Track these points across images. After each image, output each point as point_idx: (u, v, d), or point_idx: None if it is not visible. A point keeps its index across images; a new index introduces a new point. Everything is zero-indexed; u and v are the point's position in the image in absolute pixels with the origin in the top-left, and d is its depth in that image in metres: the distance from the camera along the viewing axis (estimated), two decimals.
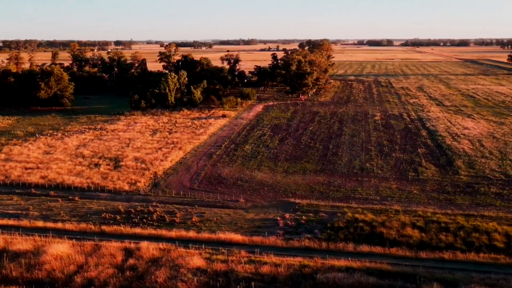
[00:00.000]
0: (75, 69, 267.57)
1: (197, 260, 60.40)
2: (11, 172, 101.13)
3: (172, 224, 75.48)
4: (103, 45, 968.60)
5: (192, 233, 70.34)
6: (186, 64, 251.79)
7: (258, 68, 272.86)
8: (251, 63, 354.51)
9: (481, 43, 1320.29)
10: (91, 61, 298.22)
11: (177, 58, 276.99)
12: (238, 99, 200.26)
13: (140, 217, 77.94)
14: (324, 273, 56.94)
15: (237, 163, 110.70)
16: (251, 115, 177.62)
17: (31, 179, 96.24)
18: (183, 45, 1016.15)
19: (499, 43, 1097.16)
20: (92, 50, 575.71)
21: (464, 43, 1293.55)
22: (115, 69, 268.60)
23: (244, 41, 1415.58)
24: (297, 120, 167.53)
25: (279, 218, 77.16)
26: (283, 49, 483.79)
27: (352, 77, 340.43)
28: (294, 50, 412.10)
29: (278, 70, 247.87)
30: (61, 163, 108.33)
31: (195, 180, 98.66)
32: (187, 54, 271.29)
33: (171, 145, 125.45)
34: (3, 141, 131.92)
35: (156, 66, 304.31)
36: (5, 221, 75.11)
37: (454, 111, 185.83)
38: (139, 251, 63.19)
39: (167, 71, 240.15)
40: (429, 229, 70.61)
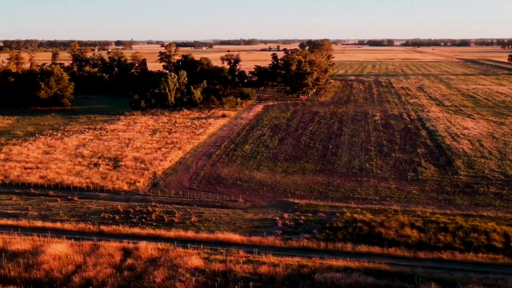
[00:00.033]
0: (75, 69, 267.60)
1: (195, 260, 60.39)
2: (11, 172, 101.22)
3: (171, 224, 75.49)
4: (103, 45, 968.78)
5: (190, 233, 70.38)
6: (186, 64, 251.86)
7: (258, 68, 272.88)
8: (251, 63, 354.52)
9: (482, 43, 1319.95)
10: (91, 61, 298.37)
11: (177, 58, 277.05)
12: (238, 99, 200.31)
13: (139, 217, 77.96)
14: (322, 273, 56.92)
15: (237, 163, 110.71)
16: (251, 115, 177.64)
17: (30, 179, 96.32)
18: (183, 45, 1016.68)
19: (500, 43, 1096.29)
20: (92, 50, 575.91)
21: (464, 43, 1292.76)
22: (115, 69, 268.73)
23: (244, 41, 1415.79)
24: (297, 120, 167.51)
25: (278, 218, 77.15)
26: (283, 49, 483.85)
27: (352, 77, 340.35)
28: (294, 50, 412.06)
29: (278, 70, 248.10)
30: (60, 163, 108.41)
31: (194, 180, 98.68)
32: (187, 54, 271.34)
33: (171, 145, 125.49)
34: (2, 141, 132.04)
35: (156, 66, 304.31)
36: (4, 221, 75.17)
37: (454, 111, 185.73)
38: (137, 251, 63.20)
39: (167, 71, 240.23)
40: (427, 229, 70.56)
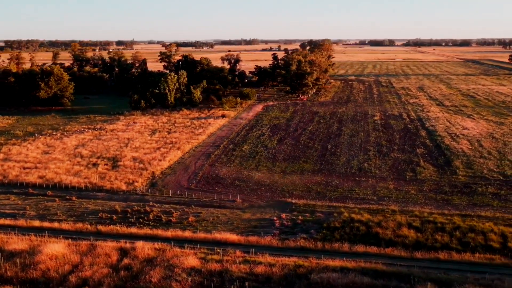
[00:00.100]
0: (75, 69, 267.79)
1: (192, 260, 60.41)
2: (9, 171, 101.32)
3: (168, 224, 75.52)
4: (104, 45, 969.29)
5: (188, 233, 70.38)
6: (186, 64, 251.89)
7: (258, 68, 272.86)
8: (252, 63, 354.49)
9: (483, 43, 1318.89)
10: (91, 61, 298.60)
11: (177, 58, 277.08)
12: (237, 99, 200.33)
13: (136, 217, 77.98)
14: (318, 273, 56.89)
15: (235, 163, 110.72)
16: (250, 115, 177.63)
17: (29, 179, 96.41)
18: (184, 45, 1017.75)
19: (501, 43, 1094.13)
20: (93, 50, 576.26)
21: (466, 43, 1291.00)
22: (116, 69, 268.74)
23: (245, 41, 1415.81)
24: (296, 120, 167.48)
25: (275, 218, 77.15)
26: (284, 49, 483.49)
27: (352, 77, 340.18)
28: (295, 50, 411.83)
29: (278, 70, 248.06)
30: (59, 163, 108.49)
31: (193, 180, 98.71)
32: (187, 54, 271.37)
33: (170, 145, 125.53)
34: (2, 141, 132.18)
35: (157, 66, 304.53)
36: (1, 221, 75.19)
37: (454, 111, 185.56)
38: (134, 251, 63.23)
39: (167, 71, 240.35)
40: (425, 229, 70.51)
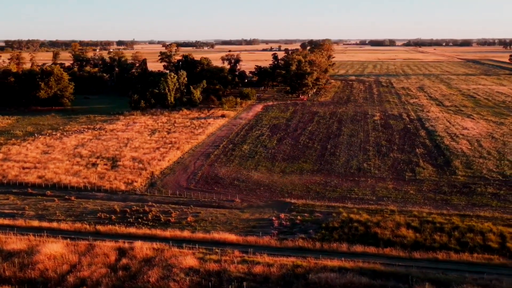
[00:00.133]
0: (75, 69, 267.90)
1: (190, 260, 60.41)
2: (9, 171, 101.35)
3: (167, 223, 75.51)
4: (105, 45, 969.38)
5: (186, 233, 70.39)
6: (186, 64, 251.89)
7: (258, 68, 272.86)
8: (252, 63, 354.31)
9: (484, 43, 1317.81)
10: (92, 61, 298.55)
11: (177, 58, 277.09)
12: (237, 99, 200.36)
13: (135, 217, 78.00)
14: (316, 273, 56.90)
15: (235, 163, 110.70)
16: (250, 115, 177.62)
17: (28, 179, 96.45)
18: (185, 45, 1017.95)
19: (502, 43, 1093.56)
20: (94, 50, 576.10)
21: (466, 43, 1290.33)
22: (116, 69, 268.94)
23: (246, 41, 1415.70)
24: (296, 120, 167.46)
25: (274, 218, 77.13)
26: (284, 49, 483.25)
27: (353, 77, 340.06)
28: (295, 50, 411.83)
29: (278, 70, 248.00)
30: (58, 162, 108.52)
31: (192, 180, 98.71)
32: (187, 54, 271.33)
33: (169, 145, 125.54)
34: (1, 141, 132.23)
35: (157, 66, 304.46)
36: (0, 221, 75.21)
37: (454, 111, 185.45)
38: (132, 251, 63.25)
39: (167, 71, 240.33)
40: (423, 229, 70.48)
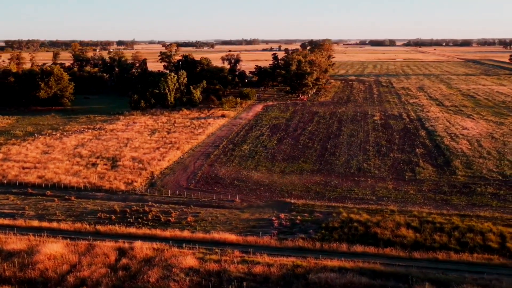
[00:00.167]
0: (75, 69, 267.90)
1: (190, 260, 60.42)
2: (9, 171, 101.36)
3: (167, 224, 75.51)
4: (105, 45, 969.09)
5: (186, 233, 70.40)
6: (186, 64, 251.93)
7: (258, 68, 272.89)
8: (252, 63, 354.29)
9: (484, 43, 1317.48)
10: (92, 61, 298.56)
11: (177, 58, 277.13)
12: (237, 99, 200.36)
13: (135, 217, 78.01)
14: (316, 273, 56.91)
15: (234, 163, 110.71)
16: (250, 115, 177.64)
17: (28, 179, 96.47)
18: (185, 45, 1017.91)
19: (502, 43, 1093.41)
20: (94, 50, 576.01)
21: (466, 43, 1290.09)
22: (116, 69, 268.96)
23: (246, 41, 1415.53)
24: (296, 120, 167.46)
25: (274, 218, 77.13)
26: (285, 49, 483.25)
27: (353, 77, 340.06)
28: (295, 50, 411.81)
29: (278, 70, 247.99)
30: (58, 162, 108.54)
31: (192, 180, 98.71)
32: (187, 54, 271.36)
33: (169, 145, 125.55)
34: (1, 141, 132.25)
35: (157, 66, 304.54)
36: (0, 221, 75.22)
37: (454, 111, 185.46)
38: (132, 251, 63.26)
39: (167, 71, 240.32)
40: (423, 229, 70.48)
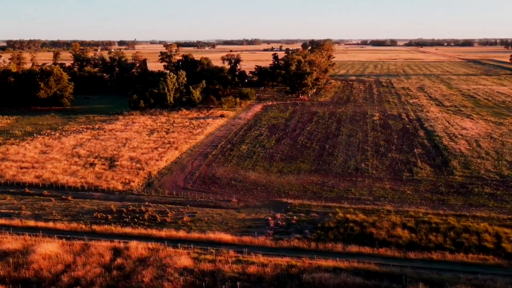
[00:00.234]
0: (76, 69, 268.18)
1: (185, 259, 60.45)
2: (6, 171, 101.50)
3: (163, 223, 75.56)
4: (106, 45, 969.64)
5: (182, 233, 70.45)
6: (186, 64, 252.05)
7: (258, 68, 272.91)
8: (253, 63, 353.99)
9: (485, 43, 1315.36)
10: (92, 61, 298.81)
11: (178, 58, 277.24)
12: (237, 99, 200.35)
13: (131, 217, 78.05)
14: (310, 273, 56.88)
15: (232, 163, 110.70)
16: (249, 115, 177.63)
17: (26, 179, 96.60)
18: (186, 45, 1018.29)
19: (503, 43, 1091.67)
20: (95, 50, 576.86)
21: (468, 43, 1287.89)
22: (116, 69, 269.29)
23: (247, 41, 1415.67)
24: (295, 120, 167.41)
25: (270, 218, 77.11)
26: (285, 49, 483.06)
27: (353, 77, 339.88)
28: (296, 50, 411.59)
29: (278, 70, 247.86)
30: (56, 162, 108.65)
31: (189, 180, 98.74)
32: (187, 54, 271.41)
33: (167, 145, 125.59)
34: (0, 141, 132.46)
35: (158, 66, 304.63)
36: None
37: (453, 112, 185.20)
38: (127, 251, 63.31)
39: (167, 71, 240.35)
40: (419, 229, 70.40)
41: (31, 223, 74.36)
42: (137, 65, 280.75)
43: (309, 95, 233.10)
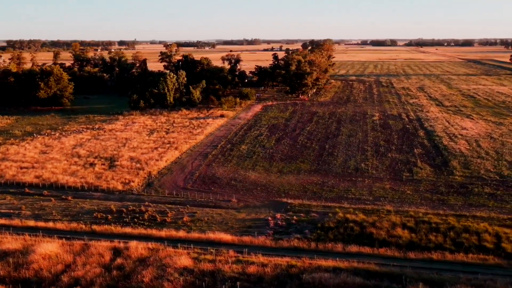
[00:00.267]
0: (76, 69, 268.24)
1: (185, 259, 60.46)
2: (6, 171, 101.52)
3: (163, 223, 75.57)
4: (107, 45, 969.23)
5: (182, 233, 70.46)
6: (186, 64, 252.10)
7: (258, 68, 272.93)
8: (253, 63, 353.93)
9: (486, 43, 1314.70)
10: (92, 61, 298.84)
11: (178, 58, 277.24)
12: (237, 99, 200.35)
13: (131, 217, 78.06)
14: (310, 273, 56.89)
15: (232, 163, 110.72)
16: (249, 115, 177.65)
17: (26, 179, 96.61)
18: (186, 45, 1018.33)
19: (504, 43, 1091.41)
20: (95, 50, 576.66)
21: (468, 43, 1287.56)
22: (116, 69, 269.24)
23: (247, 41, 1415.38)
24: (295, 120, 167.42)
25: (270, 218, 77.13)
26: (285, 49, 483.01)
27: (353, 77, 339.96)
28: (296, 50, 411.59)
29: (278, 70, 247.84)
30: (56, 162, 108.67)
31: (189, 180, 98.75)
32: (187, 54, 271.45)
33: (167, 145, 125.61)
34: (0, 141, 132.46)
35: (158, 66, 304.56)
36: None
37: (453, 112, 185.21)
38: (127, 251, 63.31)
39: (167, 71, 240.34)
40: (419, 229, 70.40)
41: (31, 223, 74.37)
42: (137, 65, 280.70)
43: (309, 95, 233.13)
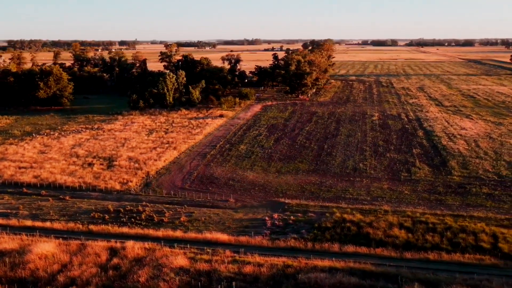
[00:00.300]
0: (76, 69, 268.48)
1: (181, 259, 60.47)
2: (4, 171, 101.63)
3: (160, 223, 75.60)
4: (107, 45, 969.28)
5: (179, 233, 70.48)
6: (186, 64, 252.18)
7: (258, 68, 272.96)
8: (253, 63, 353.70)
9: (486, 43, 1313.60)
10: (92, 61, 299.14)
11: (178, 58, 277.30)
12: (236, 99, 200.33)
13: (128, 217, 78.11)
14: (306, 273, 56.87)
15: (230, 163, 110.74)
16: (248, 115, 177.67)
17: (24, 179, 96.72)
18: (187, 45, 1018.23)
19: (504, 43, 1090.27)
20: (96, 50, 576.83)
21: (469, 43, 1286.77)
22: (116, 69, 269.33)
23: (248, 41, 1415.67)
24: (294, 120, 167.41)
25: (267, 218, 77.14)
26: (286, 49, 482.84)
27: (353, 77, 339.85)
28: (297, 50, 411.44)
29: (278, 70, 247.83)
30: (55, 162, 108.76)
31: (187, 180, 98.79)
32: (187, 54, 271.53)
33: (166, 145, 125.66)
34: None
35: (158, 66, 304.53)
36: None
37: (453, 112, 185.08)
38: (124, 251, 63.34)
39: (167, 71, 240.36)
40: (416, 229, 70.37)
41: (28, 223, 74.42)
42: (137, 65, 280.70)
43: (309, 95, 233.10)
